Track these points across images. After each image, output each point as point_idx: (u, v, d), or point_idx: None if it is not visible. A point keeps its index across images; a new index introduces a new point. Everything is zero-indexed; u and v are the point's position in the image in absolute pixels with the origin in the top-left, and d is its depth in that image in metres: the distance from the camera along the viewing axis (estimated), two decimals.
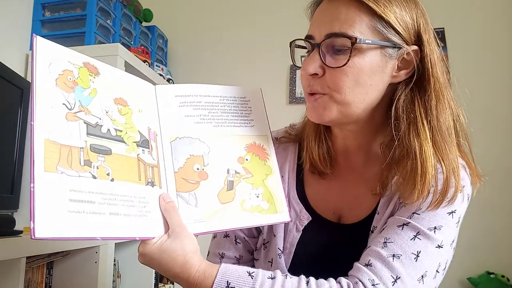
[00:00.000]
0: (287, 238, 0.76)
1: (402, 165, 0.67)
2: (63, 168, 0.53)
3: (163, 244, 0.60)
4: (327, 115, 0.68)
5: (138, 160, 0.63)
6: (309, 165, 0.78)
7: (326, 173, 0.77)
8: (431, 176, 0.64)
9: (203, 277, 0.60)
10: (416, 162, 0.65)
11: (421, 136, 0.65)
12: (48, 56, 0.58)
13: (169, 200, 0.63)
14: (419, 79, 0.67)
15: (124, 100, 0.66)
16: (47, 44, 0.59)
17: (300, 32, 0.75)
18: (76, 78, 0.60)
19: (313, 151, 0.77)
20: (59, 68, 0.59)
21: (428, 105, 0.67)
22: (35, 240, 0.48)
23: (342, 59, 0.65)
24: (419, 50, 0.67)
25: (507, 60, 2.02)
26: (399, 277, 0.61)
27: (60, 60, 0.59)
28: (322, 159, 0.77)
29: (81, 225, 0.52)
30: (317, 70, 0.67)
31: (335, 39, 0.65)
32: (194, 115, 0.72)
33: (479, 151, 0.75)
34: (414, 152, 0.65)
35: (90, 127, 0.59)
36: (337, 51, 0.65)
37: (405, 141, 0.66)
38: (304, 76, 0.70)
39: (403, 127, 0.67)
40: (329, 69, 0.66)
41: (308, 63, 0.68)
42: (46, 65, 0.57)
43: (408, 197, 0.66)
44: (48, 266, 1.33)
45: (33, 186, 0.49)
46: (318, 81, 0.68)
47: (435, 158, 0.65)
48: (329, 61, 0.66)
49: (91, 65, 0.63)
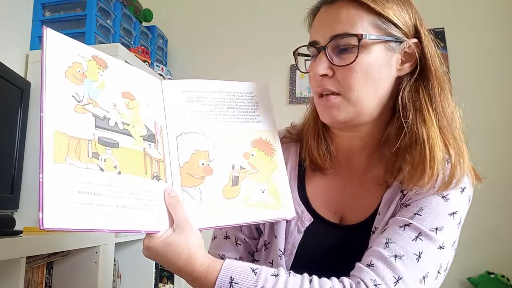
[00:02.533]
0: (288, 239, 0.76)
1: (410, 153, 0.68)
2: (72, 159, 0.53)
3: (168, 238, 0.60)
4: (341, 115, 0.69)
5: (144, 154, 0.63)
6: (309, 162, 0.79)
7: (326, 168, 0.78)
8: (439, 159, 0.66)
9: (207, 272, 0.61)
10: (425, 148, 0.66)
11: (428, 123, 0.67)
12: (58, 48, 0.58)
13: (174, 195, 0.64)
14: (421, 70, 0.70)
15: (131, 94, 0.66)
16: (57, 36, 0.58)
17: (300, 32, 0.76)
18: (85, 70, 0.60)
19: (313, 148, 0.78)
20: (68, 61, 0.58)
21: (432, 93, 0.69)
22: (43, 230, 0.48)
23: (349, 57, 0.66)
24: (419, 42, 0.69)
25: (507, 60, 2.02)
26: (401, 277, 0.61)
27: (69, 53, 0.59)
28: (322, 155, 0.77)
29: (89, 216, 0.52)
30: (326, 70, 0.68)
31: (340, 40, 0.67)
32: (200, 110, 0.72)
33: (479, 151, 0.75)
34: (422, 139, 0.67)
35: (98, 119, 0.59)
36: (343, 50, 0.67)
37: (413, 128, 0.68)
38: (313, 78, 0.70)
39: (410, 115, 0.68)
40: (339, 69, 0.67)
41: (316, 64, 0.69)
42: (56, 57, 0.57)
43: (417, 182, 0.67)
44: (48, 266, 1.33)
45: (42, 177, 0.49)
46: (330, 81, 0.69)
47: (442, 143, 0.67)
48: (337, 61, 0.67)
49: (99, 58, 0.63)
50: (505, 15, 2.06)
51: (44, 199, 0.49)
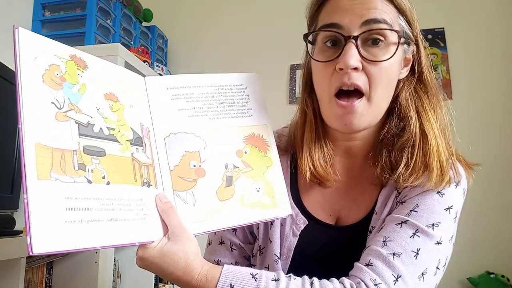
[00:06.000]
0: (284, 243, 0.74)
1: (406, 152, 0.68)
2: (57, 174, 0.49)
3: (164, 248, 0.57)
4: (363, 124, 0.65)
5: (132, 160, 0.59)
6: (310, 175, 0.72)
7: (329, 180, 0.72)
8: (436, 160, 0.66)
9: (206, 280, 0.59)
10: (422, 148, 0.66)
11: (427, 124, 0.68)
12: (33, 49, 0.52)
13: (166, 201, 0.61)
14: (417, 74, 0.71)
15: (114, 96, 0.61)
16: (31, 36, 0.53)
17: (300, 32, 0.75)
18: (63, 73, 0.55)
19: (314, 159, 0.72)
20: (45, 63, 0.53)
21: (429, 93, 0.70)
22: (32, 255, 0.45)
23: (380, 53, 0.62)
24: (416, 47, 0.70)
25: (507, 60, 2.02)
26: (400, 275, 0.61)
27: (45, 54, 0.54)
28: (324, 165, 0.72)
29: (80, 235, 0.49)
30: (359, 63, 0.62)
31: (374, 27, 0.61)
32: (188, 108, 0.68)
33: (479, 151, 0.75)
34: (420, 139, 0.66)
35: (82, 127, 0.54)
36: (374, 42, 0.62)
37: (411, 129, 0.68)
38: (338, 71, 0.63)
39: (409, 116, 0.68)
40: (368, 64, 0.62)
41: (349, 55, 0.61)
42: (31, 59, 0.52)
43: (413, 182, 0.66)
44: (48, 266, 1.33)
45: (26, 197, 0.45)
46: (358, 75, 0.62)
47: (440, 144, 0.67)
48: (367, 55, 0.62)
49: (78, 58, 0.58)
50: (505, 15, 2.06)
51: (31, 222, 0.45)
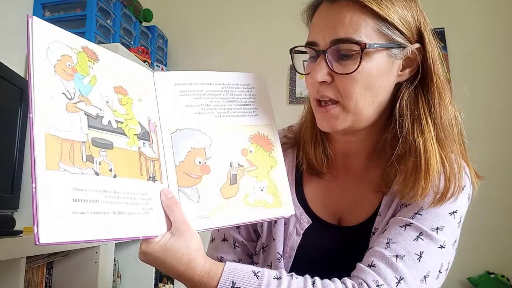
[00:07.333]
0: (287, 242, 0.75)
1: (404, 163, 0.67)
2: (65, 165, 0.49)
3: (167, 243, 0.58)
4: (340, 125, 0.67)
5: (139, 154, 0.60)
6: (306, 166, 0.77)
7: (323, 173, 0.77)
8: (435, 173, 0.64)
9: (208, 276, 0.59)
10: (421, 159, 0.64)
11: (426, 134, 0.65)
12: (46, 39, 0.52)
13: (171, 196, 0.61)
14: (422, 77, 0.67)
15: (124, 89, 0.61)
16: (44, 26, 0.53)
17: (300, 32, 0.75)
18: (75, 64, 0.55)
19: (310, 152, 0.76)
20: (57, 53, 0.53)
21: (431, 102, 0.67)
22: (39, 245, 0.45)
23: (350, 65, 0.63)
24: (421, 48, 0.67)
25: (507, 60, 2.02)
26: (403, 277, 0.61)
27: (58, 44, 0.54)
28: (319, 159, 0.76)
29: (86, 227, 0.49)
30: (325, 77, 0.65)
31: (342, 45, 0.63)
32: (195, 105, 0.69)
33: (479, 151, 0.75)
34: (419, 149, 0.65)
35: (91, 119, 0.54)
36: (344, 56, 0.64)
37: (409, 138, 0.66)
38: (311, 84, 0.68)
39: (407, 124, 0.67)
40: (338, 76, 0.65)
41: (316, 70, 0.65)
42: (43, 49, 0.51)
43: (411, 195, 0.66)
44: (48, 266, 1.33)
45: (35, 186, 0.45)
46: (329, 88, 0.66)
47: (438, 155, 0.65)
48: (337, 68, 0.65)
49: (89, 49, 0.58)
50: (505, 15, 2.06)
51: (39, 211, 0.45)
